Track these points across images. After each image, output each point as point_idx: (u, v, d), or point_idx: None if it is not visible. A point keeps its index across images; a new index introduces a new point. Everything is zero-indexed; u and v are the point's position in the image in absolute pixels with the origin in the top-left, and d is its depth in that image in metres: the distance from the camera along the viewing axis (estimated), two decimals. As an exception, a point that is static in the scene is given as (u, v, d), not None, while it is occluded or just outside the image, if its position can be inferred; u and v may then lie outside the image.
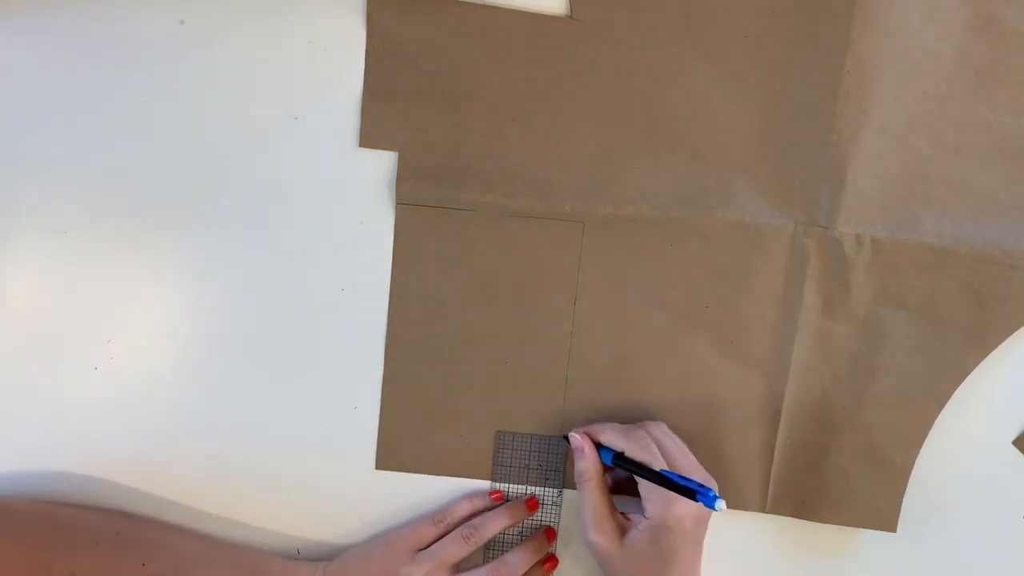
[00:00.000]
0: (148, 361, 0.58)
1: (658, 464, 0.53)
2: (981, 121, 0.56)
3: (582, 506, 0.56)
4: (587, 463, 0.56)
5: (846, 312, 0.58)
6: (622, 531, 0.55)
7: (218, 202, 0.58)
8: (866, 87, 0.55)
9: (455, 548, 0.57)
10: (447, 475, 0.60)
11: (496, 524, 0.58)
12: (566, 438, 0.58)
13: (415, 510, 0.60)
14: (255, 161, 0.58)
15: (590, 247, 0.58)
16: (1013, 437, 0.60)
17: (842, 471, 0.59)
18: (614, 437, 0.56)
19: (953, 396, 0.58)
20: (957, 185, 0.56)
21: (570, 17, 0.56)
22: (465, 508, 0.59)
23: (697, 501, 0.50)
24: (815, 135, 0.56)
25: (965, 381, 0.58)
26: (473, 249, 0.58)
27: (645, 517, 0.53)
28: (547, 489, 0.60)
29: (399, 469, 0.60)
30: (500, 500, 0.60)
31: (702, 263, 0.58)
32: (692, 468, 0.55)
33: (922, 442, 0.58)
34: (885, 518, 0.59)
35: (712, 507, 0.49)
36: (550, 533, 0.60)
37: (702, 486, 0.51)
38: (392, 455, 0.60)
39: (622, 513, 0.56)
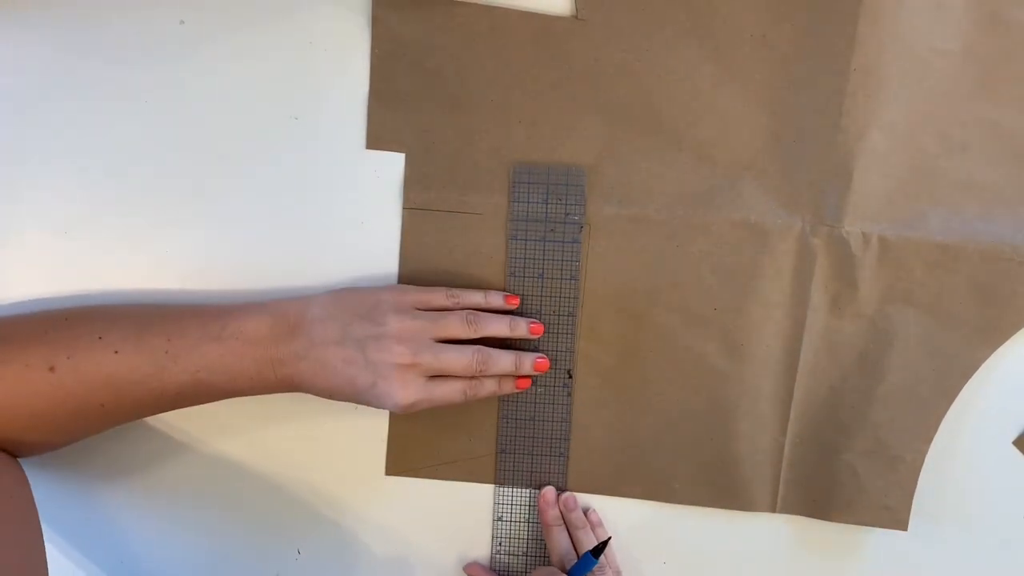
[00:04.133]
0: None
1: None
2: (988, 119, 0.56)
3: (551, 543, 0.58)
4: (547, 512, 0.58)
5: (854, 311, 0.58)
6: None
7: (218, 202, 0.57)
8: (873, 86, 0.56)
9: (454, 324, 0.55)
10: (456, 480, 0.60)
11: (498, 327, 0.56)
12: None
13: (424, 515, 0.60)
14: (255, 161, 0.57)
15: (596, 248, 0.58)
16: (1014, 437, 0.60)
17: (852, 470, 0.58)
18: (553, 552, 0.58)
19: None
20: (964, 183, 0.57)
21: (575, 17, 0.56)
22: (478, 299, 0.57)
23: None
24: (822, 134, 0.56)
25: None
26: (479, 252, 0.58)
27: None
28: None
29: (409, 474, 0.60)
30: (516, 304, 0.58)
31: (709, 263, 0.58)
32: None
33: (931, 439, 0.58)
34: (896, 516, 0.59)
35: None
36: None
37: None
38: (402, 460, 0.59)
39: None
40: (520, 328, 0.57)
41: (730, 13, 0.56)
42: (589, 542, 0.57)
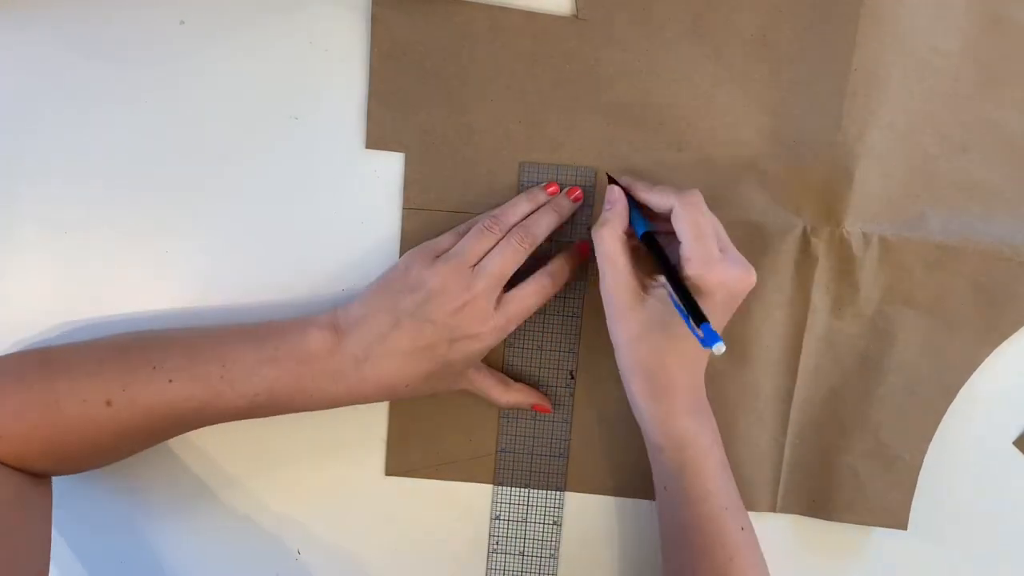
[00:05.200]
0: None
1: (699, 251, 0.49)
2: (988, 119, 0.56)
3: (598, 253, 0.53)
4: (614, 211, 0.53)
5: (854, 311, 0.58)
6: (642, 288, 0.52)
7: (218, 202, 0.57)
8: (873, 86, 0.56)
9: (512, 256, 0.53)
10: (456, 480, 0.60)
11: (546, 221, 0.55)
12: (611, 179, 0.56)
13: (423, 515, 0.60)
14: (255, 161, 0.57)
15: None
16: (1014, 437, 0.60)
17: (852, 470, 0.58)
18: (661, 198, 0.52)
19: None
20: (964, 183, 0.57)
21: (576, 17, 0.56)
22: (523, 209, 0.55)
23: (698, 332, 0.46)
24: (822, 134, 0.56)
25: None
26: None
27: (683, 274, 0.50)
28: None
29: (408, 475, 0.60)
30: (556, 193, 0.56)
31: (709, 263, 0.58)
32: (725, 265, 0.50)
33: (930, 439, 0.59)
34: (896, 516, 0.59)
35: (708, 347, 0.45)
36: (583, 247, 0.57)
37: (711, 330, 0.46)
38: (401, 461, 0.59)
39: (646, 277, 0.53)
40: (564, 206, 0.55)
41: (730, 13, 0.56)
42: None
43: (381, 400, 0.54)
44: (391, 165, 0.57)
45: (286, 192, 0.57)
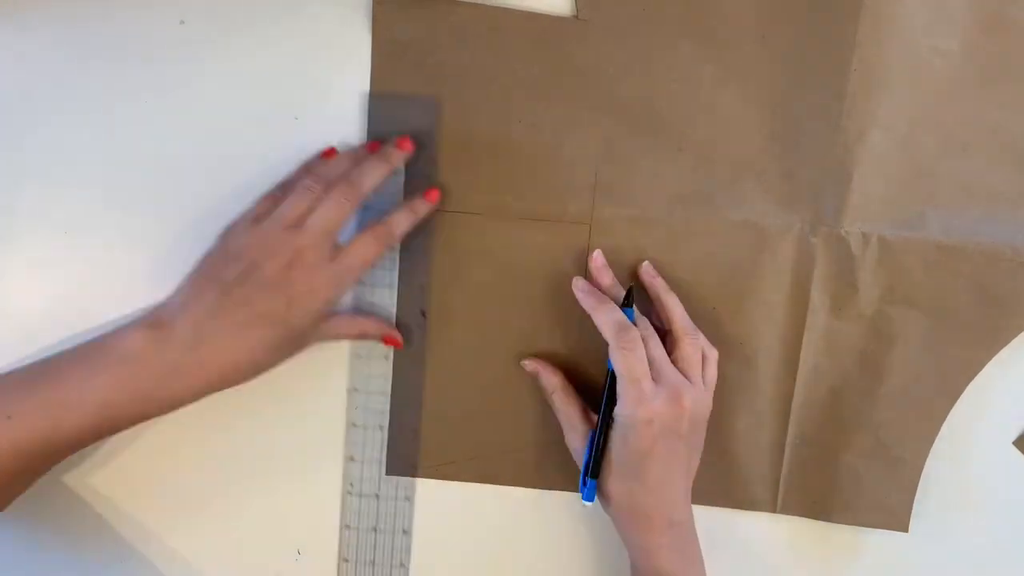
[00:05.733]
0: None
1: (631, 392, 0.52)
2: (988, 119, 0.56)
3: (557, 415, 0.57)
4: (547, 379, 0.57)
5: (854, 311, 0.58)
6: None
7: (219, 202, 0.57)
8: (873, 86, 0.56)
9: (336, 209, 0.51)
10: (457, 480, 0.60)
11: (374, 173, 0.53)
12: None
13: (423, 515, 0.60)
14: (256, 162, 0.57)
15: (595, 248, 0.58)
16: (1014, 437, 0.60)
17: (853, 471, 0.58)
18: (606, 328, 0.54)
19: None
20: (964, 183, 0.57)
21: (576, 17, 0.56)
22: (343, 165, 0.53)
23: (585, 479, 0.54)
24: (822, 134, 0.56)
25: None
26: (480, 252, 0.58)
27: (616, 415, 0.52)
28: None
29: (408, 474, 0.59)
30: (375, 149, 0.55)
31: (709, 264, 0.58)
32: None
33: (932, 440, 0.58)
34: (897, 518, 0.59)
35: (584, 499, 0.54)
36: (431, 193, 0.56)
37: (587, 476, 0.54)
38: (401, 461, 0.59)
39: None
40: (394, 156, 0.54)
41: (730, 13, 0.56)
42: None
43: (232, 385, 0.51)
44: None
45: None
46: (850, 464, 0.59)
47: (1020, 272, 0.57)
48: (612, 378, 0.53)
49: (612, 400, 0.53)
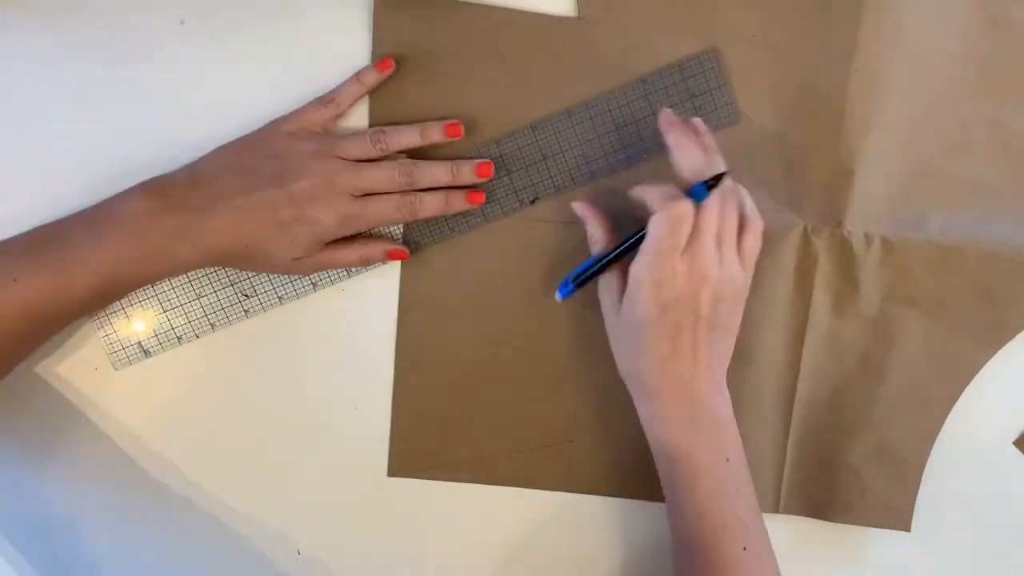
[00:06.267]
0: (149, 361, 0.58)
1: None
2: (989, 120, 0.57)
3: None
4: (592, 228, 0.54)
5: (856, 312, 0.58)
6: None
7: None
8: (874, 86, 0.56)
9: (386, 182, 0.54)
10: (459, 481, 0.60)
11: (433, 176, 0.55)
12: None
13: (424, 515, 0.60)
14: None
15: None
16: (1015, 437, 0.60)
17: (854, 471, 0.59)
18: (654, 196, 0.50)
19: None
20: (965, 184, 0.57)
21: (578, 18, 0.56)
22: (411, 139, 0.55)
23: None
24: (823, 134, 0.56)
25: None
26: (482, 254, 0.58)
27: (630, 271, 0.51)
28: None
29: (411, 476, 0.59)
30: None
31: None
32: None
33: (934, 440, 0.59)
34: (899, 517, 0.59)
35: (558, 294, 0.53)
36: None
37: (573, 280, 0.53)
38: (404, 462, 0.59)
39: None
40: (464, 172, 0.55)
41: (731, 13, 0.56)
42: (711, 168, 0.51)
43: (231, 263, 0.54)
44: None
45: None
46: (852, 464, 0.59)
47: (1020, 272, 0.57)
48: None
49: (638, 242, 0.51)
